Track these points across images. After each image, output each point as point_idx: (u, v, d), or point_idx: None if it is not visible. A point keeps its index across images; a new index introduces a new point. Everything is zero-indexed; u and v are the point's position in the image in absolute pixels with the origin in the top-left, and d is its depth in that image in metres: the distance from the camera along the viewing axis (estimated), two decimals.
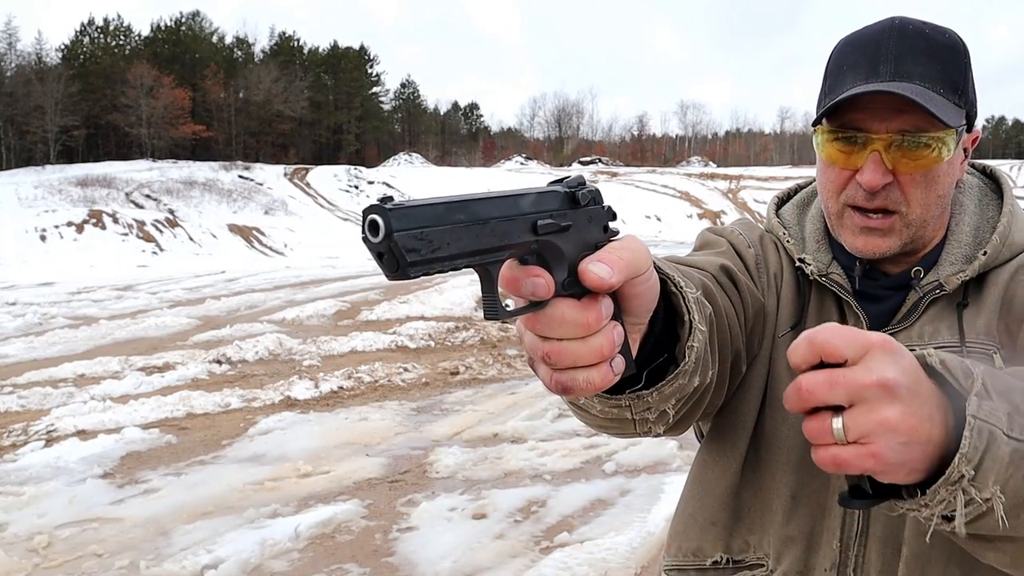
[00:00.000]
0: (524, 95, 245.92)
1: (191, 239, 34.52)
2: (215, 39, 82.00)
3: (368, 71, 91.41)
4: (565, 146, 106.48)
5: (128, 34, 77.51)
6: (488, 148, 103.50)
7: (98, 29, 75.25)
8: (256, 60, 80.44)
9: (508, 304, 0.58)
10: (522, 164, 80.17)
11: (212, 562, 4.03)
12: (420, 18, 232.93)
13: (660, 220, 49.83)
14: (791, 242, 1.12)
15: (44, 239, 30.95)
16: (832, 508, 0.99)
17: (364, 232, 0.50)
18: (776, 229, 1.15)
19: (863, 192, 0.98)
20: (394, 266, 0.49)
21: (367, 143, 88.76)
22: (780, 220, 1.17)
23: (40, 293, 17.76)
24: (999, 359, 0.95)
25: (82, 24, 75.40)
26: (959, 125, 0.97)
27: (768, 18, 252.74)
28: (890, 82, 0.95)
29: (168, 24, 79.43)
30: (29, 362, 9.21)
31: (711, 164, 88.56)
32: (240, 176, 50.98)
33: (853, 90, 0.95)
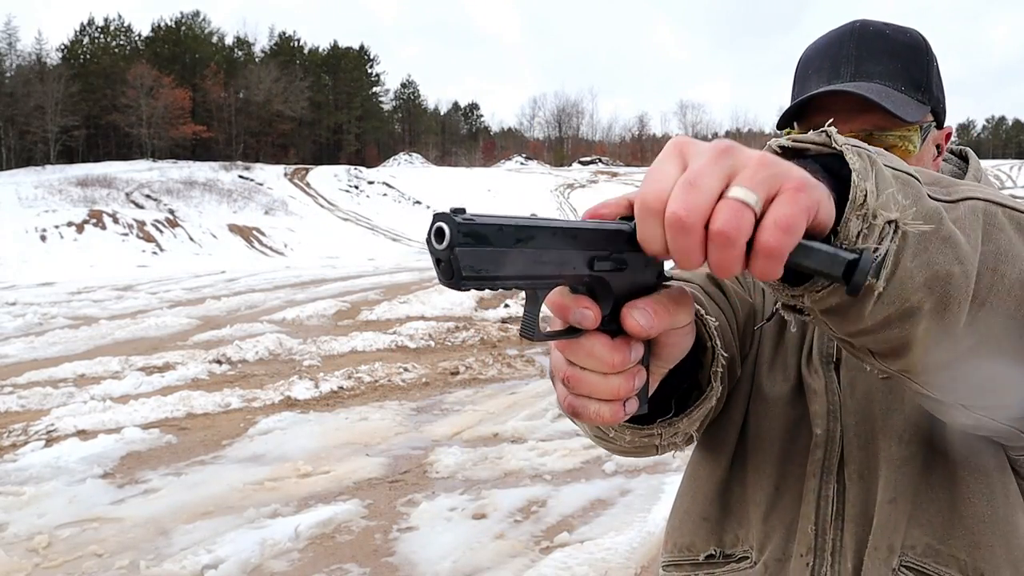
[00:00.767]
0: (524, 95, 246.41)
1: (191, 239, 34.51)
2: (215, 39, 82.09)
3: (368, 71, 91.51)
4: (565, 146, 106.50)
5: (128, 34, 77.67)
6: (488, 148, 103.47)
7: (98, 29, 75.36)
8: (256, 60, 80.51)
9: (545, 325, 0.59)
10: (522, 164, 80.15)
11: (212, 562, 4.03)
12: (420, 18, 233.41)
13: None
14: None
15: (44, 239, 30.93)
16: (807, 494, 1.00)
17: (429, 235, 0.50)
18: None
19: None
20: (449, 275, 0.50)
21: (367, 143, 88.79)
22: None
23: (40, 293, 17.76)
24: None
25: (82, 24, 75.58)
26: (923, 121, 1.00)
27: (769, 18, 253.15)
28: (849, 82, 0.99)
29: (168, 24, 79.60)
30: (29, 362, 9.21)
31: None
32: (240, 176, 51.00)
33: (813, 92, 0.99)
